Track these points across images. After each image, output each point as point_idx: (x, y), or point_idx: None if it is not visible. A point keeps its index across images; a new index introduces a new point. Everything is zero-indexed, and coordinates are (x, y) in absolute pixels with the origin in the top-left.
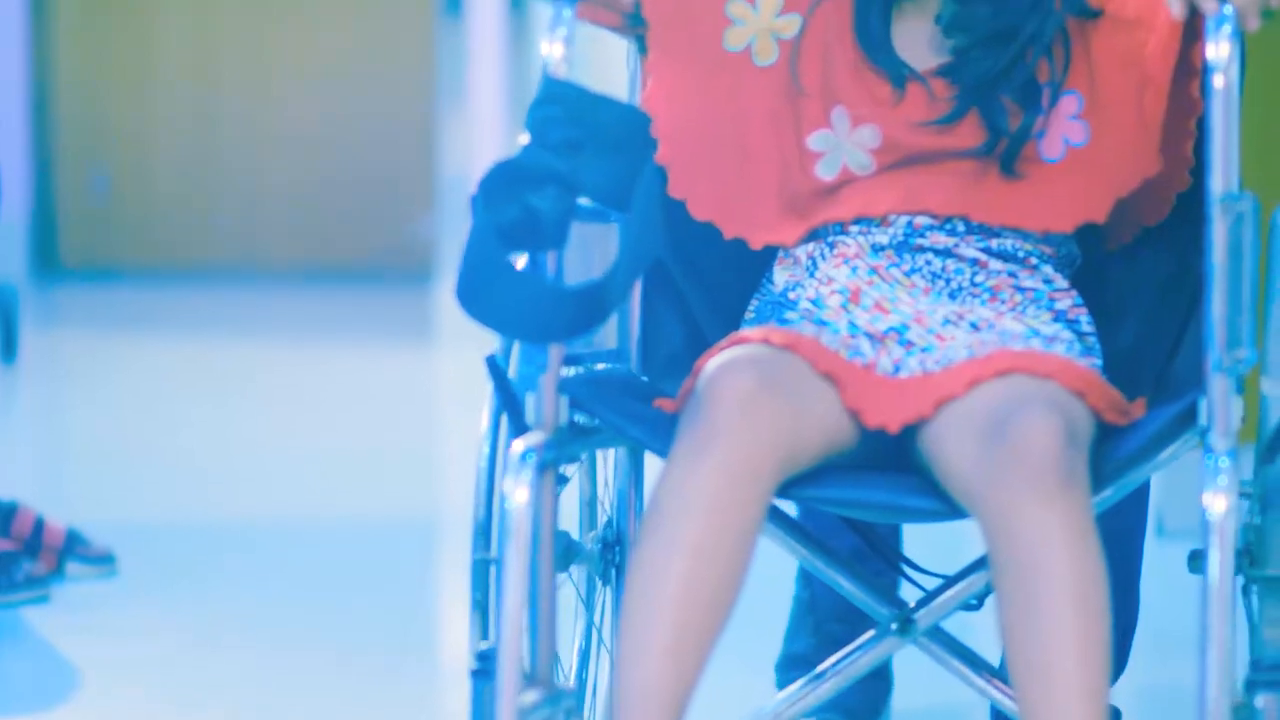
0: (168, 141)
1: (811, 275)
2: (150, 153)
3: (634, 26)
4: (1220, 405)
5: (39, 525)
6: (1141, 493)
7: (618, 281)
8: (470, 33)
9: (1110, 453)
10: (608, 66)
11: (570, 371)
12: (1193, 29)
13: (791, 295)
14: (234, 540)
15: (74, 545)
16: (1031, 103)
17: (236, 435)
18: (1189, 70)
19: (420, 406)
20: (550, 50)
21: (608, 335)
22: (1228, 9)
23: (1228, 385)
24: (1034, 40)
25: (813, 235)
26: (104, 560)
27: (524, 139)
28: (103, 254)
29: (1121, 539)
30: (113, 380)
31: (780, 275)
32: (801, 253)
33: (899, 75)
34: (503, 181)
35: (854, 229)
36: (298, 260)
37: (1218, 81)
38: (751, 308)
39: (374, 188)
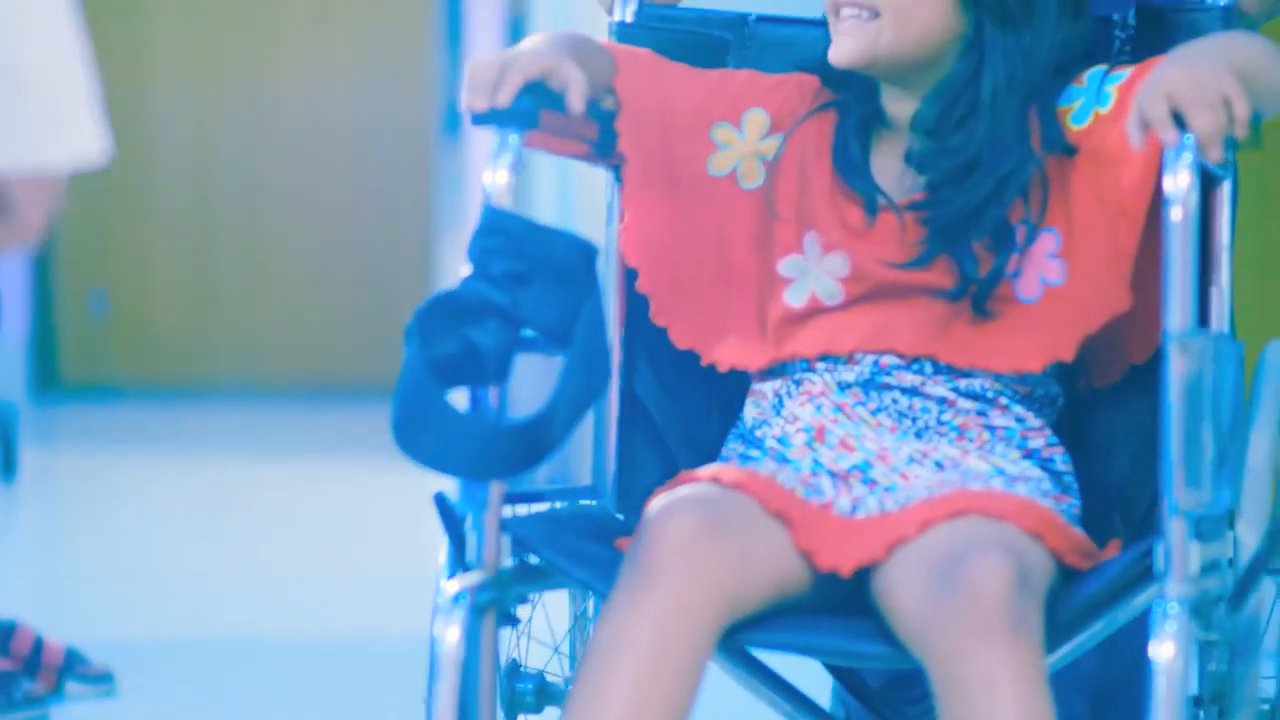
0: (166, 260)
1: (778, 413)
2: (149, 271)
3: (602, 156)
4: (1177, 550)
5: (38, 644)
6: None
7: (560, 417)
8: (468, 152)
9: (1068, 598)
10: None
11: (529, 509)
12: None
13: (758, 434)
14: (234, 659)
15: (73, 664)
16: (1004, 245)
17: (236, 554)
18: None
19: (420, 526)
20: (494, 178)
21: (582, 471)
22: (1188, 139)
23: (1184, 529)
24: (1009, 181)
25: (780, 371)
26: (103, 679)
27: (465, 270)
28: (102, 372)
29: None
30: (112, 499)
31: (749, 412)
32: (769, 389)
33: (872, 201)
34: (441, 314)
35: (820, 366)
36: (297, 377)
37: (1174, 214)
38: (726, 444)
39: (372, 305)
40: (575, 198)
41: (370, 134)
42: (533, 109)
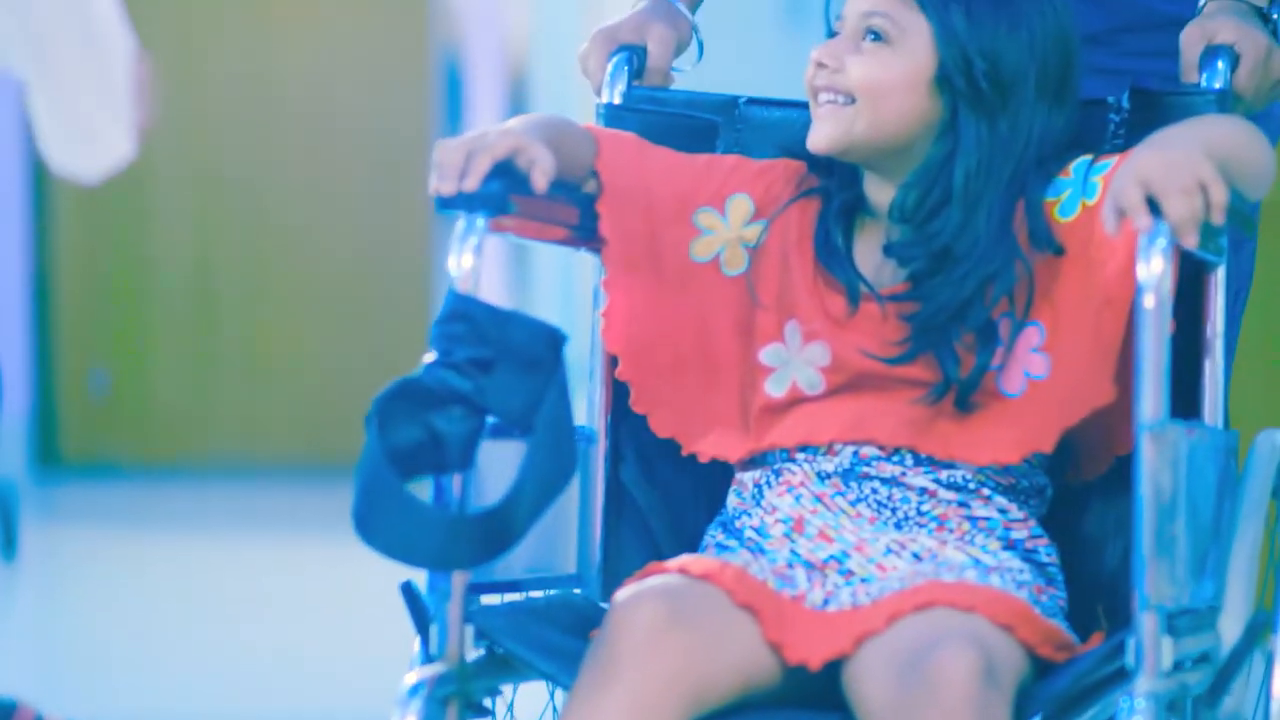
0: (166, 338)
1: (758, 504)
2: (149, 349)
3: (583, 240)
4: (1148, 645)
5: None
6: None
7: (523, 506)
8: None
9: (1039, 692)
10: None
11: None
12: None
13: (738, 524)
14: None
15: None
16: (987, 343)
17: (237, 635)
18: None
19: None
20: (459, 263)
21: (566, 559)
22: (1162, 225)
23: (1156, 624)
24: (993, 282)
25: (760, 461)
26: None
27: (429, 357)
28: (103, 450)
29: None
30: (113, 577)
31: (731, 501)
32: (749, 479)
33: (854, 290)
34: (403, 401)
35: (800, 456)
36: (297, 456)
37: (1147, 301)
38: (707, 532)
39: (373, 385)
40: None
41: (370, 214)
42: (501, 194)
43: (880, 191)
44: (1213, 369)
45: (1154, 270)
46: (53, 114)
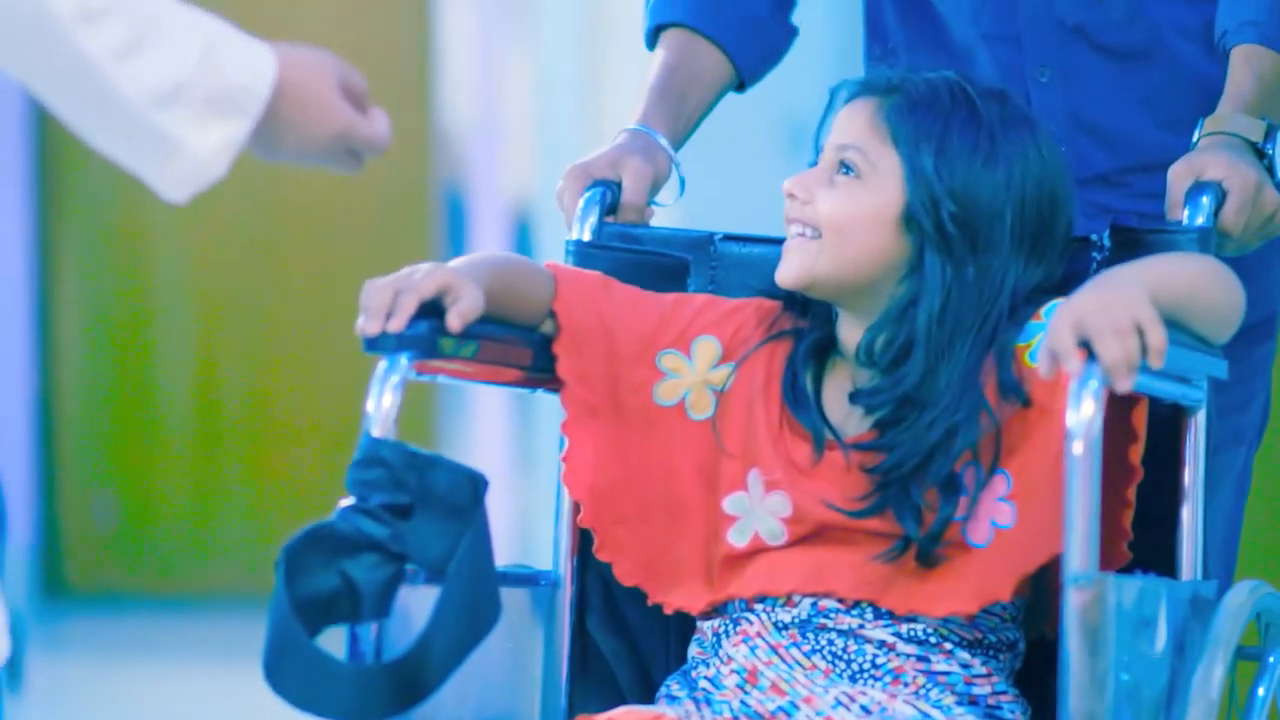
0: (171, 466)
1: (715, 654)
2: (153, 477)
3: (539, 381)
4: None
5: None
6: None
7: (436, 657)
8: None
9: None
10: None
11: None
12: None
13: (695, 674)
14: None
15: None
16: (951, 496)
17: None
18: (1129, 435)
19: None
20: (377, 405)
21: (531, 709)
22: (1095, 369)
23: None
24: (957, 434)
25: (719, 610)
26: None
27: (345, 501)
28: (107, 579)
29: None
30: (117, 708)
31: (692, 650)
32: (708, 628)
33: (819, 438)
34: (314, 548)
35: (758, 606)
36: None
37: (1075, 448)
38: (666, 682)
39: None
40: None
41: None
42: (428, 334)
43: (851, 332)
44: (1190, 517)
45: (1083, 415)
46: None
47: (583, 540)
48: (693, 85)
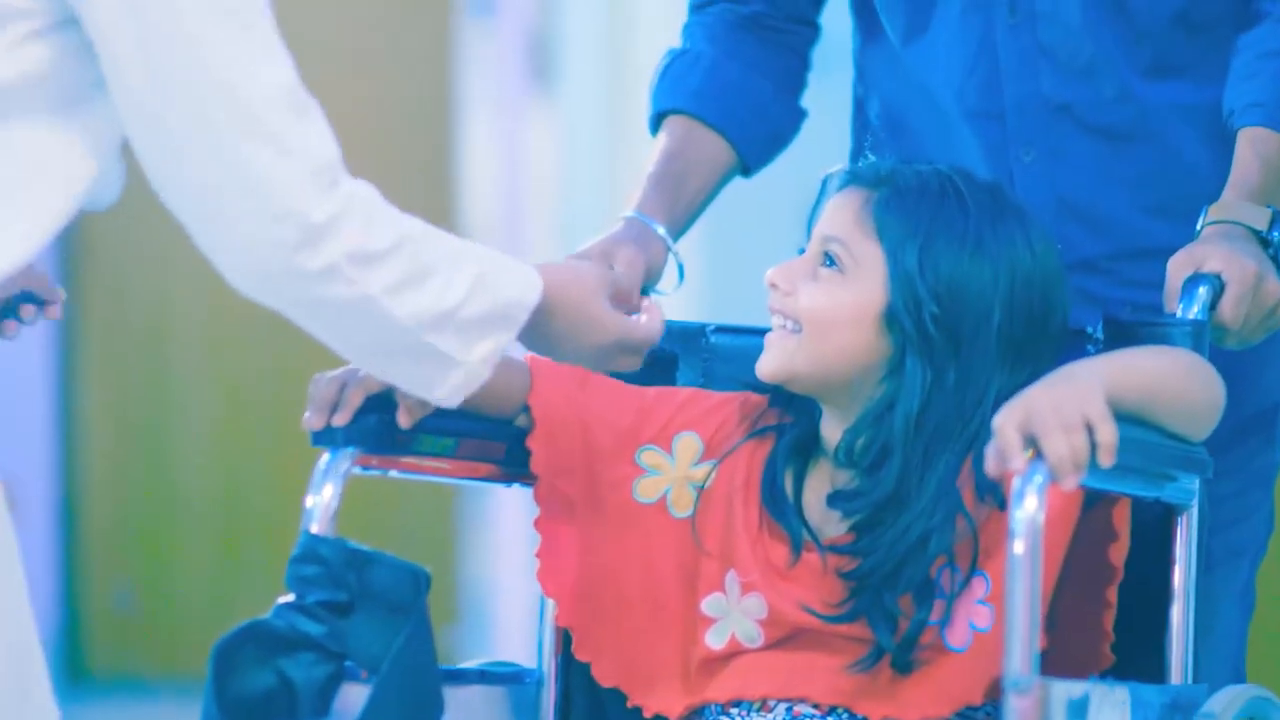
0: (192, 553)
1: None
2: (175, 564)
3: (513, 476)
4: None
5: None
6: None
7: None
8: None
9: None
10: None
11: None
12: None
13: None
14: None
15: None
16: (925, 600)
17: None
18: (1109, 533)
19: None
20: (317, 499)
21: None
22: (1041, 466)
23: None
24: (931, 540)
25: (697, 713)
26: None
27: (285, 598)
28: (130, 666)
29: None
30: None
31: None
32: None
33: (797, 539)
34: (250, 645)
35: (734, 711)
36: None
37: (1016, 547)
38: None
39: None
40: None
41: None
42: (374, 429)
43: (833, 430)
44: (1180, 619)
45: (1025, 513)
46: None
47: (566, 639)
48: (693, 171)
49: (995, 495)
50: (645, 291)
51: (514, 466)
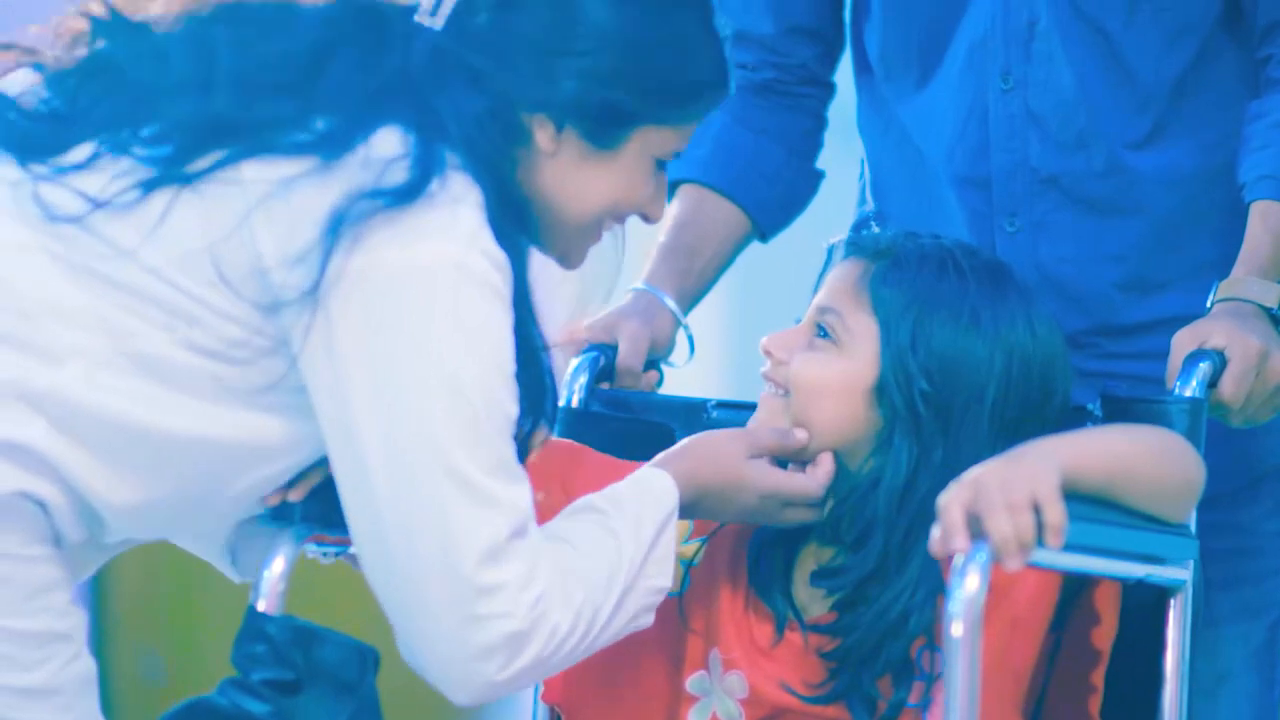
0: (219, 625)
1: None
2: (202, 636)
3: None
4: None
5: None
6: None
7: None
8: None
9: None
10: None
11: None
12: (1072, 587)
13: None
14: None
15: None
16: (904, 680)
17: None
18: (1093, 617)
19: None
20: (267, 573)
21: None
22: (982, 554)
23: None
24: (909, 619)
25: None
26: None
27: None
28: None
29: None
30: None
31: None
32: None
33: (781, 618)
34: None
35: None
36: None
37: (954, 629)
38: None
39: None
40: None
41: None
42: (321, 511)
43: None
44: (1172, 704)
45: (966, 593)
46: None
47: (557, 715)
48: (705, 240)
49: None
50: (656, 365)
51: None
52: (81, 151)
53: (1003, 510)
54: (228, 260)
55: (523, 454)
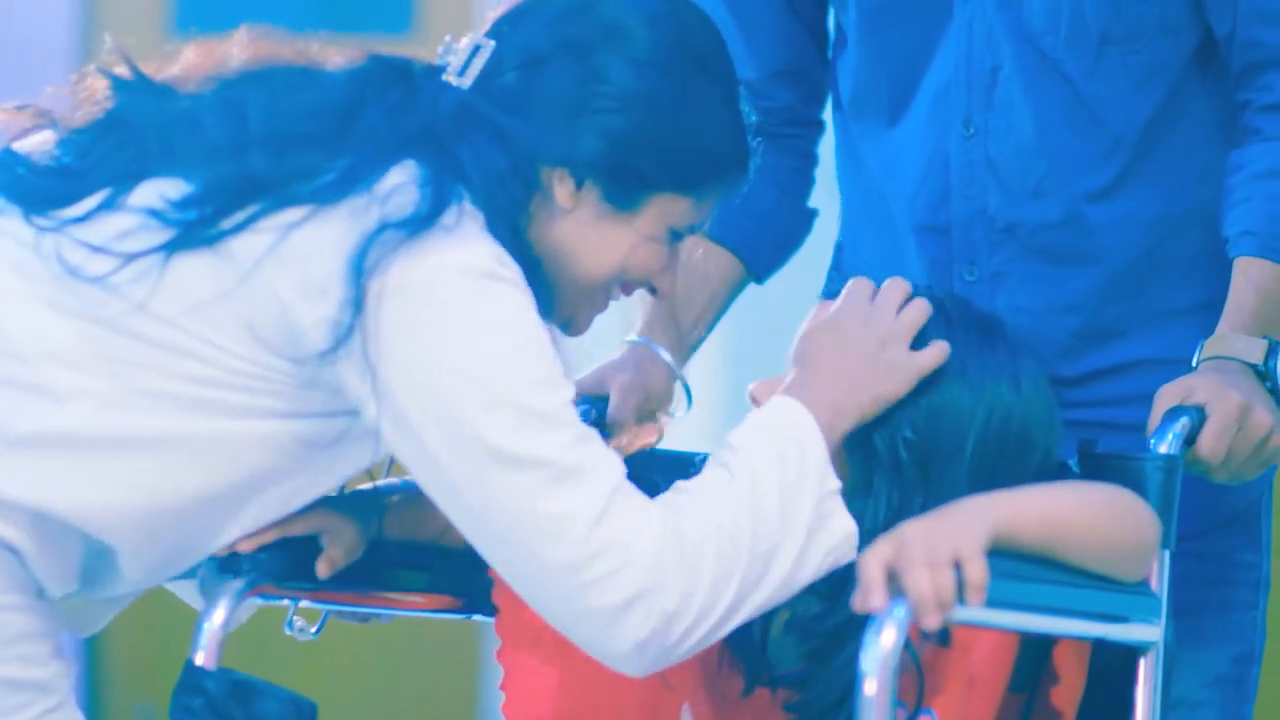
0: None
1: None
2: None
3: (472, 609)
4: None
5: None
6: None
7: None
8: None
9: None
10: None
11: None
12: (1035, 648)
13: None
14: None
15: None
16: None
17: None
18: (1052, 676)
19: None
20: (208, 624)
21: None
22: (900, 610)
23: None
24: None
25: None
26: None
27: None
28: None
29: None
30: None
31: None
32: None
33: (753, 673)
34: None
35: None
36: None
37: (868, 687)
38: None
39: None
40: None
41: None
42: (273, 564)
43: None
44: None
45: (878, 653)
46: None
47: None
48: (698, 287)
49: (940, 633)
50: (653, 417)
51: (472, 599)
52: (88, 205)
53: (922, 567)
54: (249, 308)
55: None
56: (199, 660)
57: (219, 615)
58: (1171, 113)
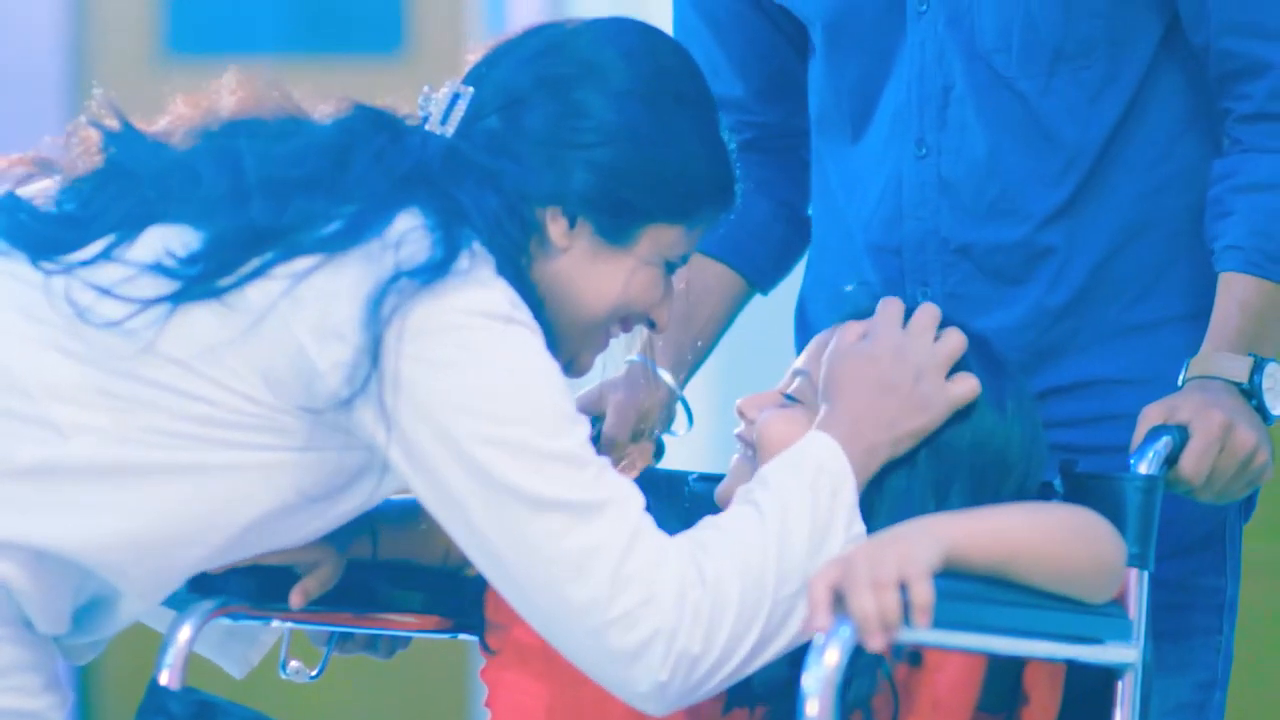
0: None
1: None
2: None
3: (461, 629)
4: None
5: None
6: None
7: None
8: None
9: None
10: None
11: None
12: (1008, 669)
13: None
14: None
15: None
16: None
17: None
18: (1022, 697)
19: None
20: (171, 645)
21: None
22: (844, 630)
23: None
24: (849, 687)
25: None
26: None
27: None
28: None
29: None
30: None
31: None
32: None
33: (734, 696)
34: None
35: None
36: None
37: (810, 708)
38: None
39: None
40: None
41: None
42: (240, 588)
43: None
44: None
45: (823, 671)
46: None
47: None
48: (698, 305)
49: (911, 652)
50: (652, 435)
51: (463, 619)
52: (93, 249)
53: (866, 588)
54: (264, 353)
55: None
56: (163, 680)
57: (184, 634)
58: (1130, 124)
